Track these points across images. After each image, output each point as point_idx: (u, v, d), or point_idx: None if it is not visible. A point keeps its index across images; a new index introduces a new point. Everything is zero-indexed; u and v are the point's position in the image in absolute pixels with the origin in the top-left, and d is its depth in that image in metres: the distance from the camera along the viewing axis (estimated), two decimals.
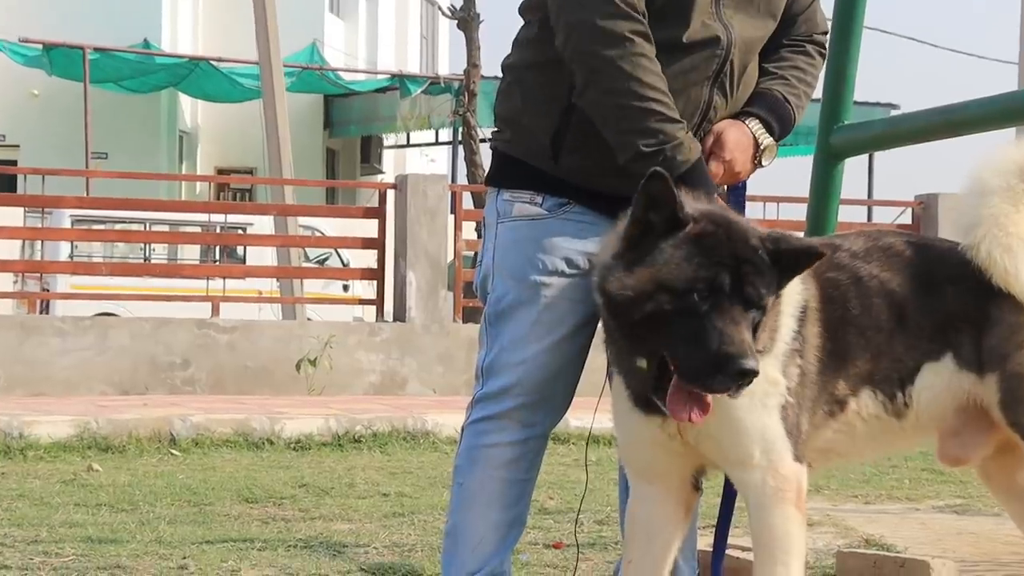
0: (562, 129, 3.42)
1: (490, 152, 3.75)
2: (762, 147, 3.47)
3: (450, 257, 13.75)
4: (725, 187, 3.54)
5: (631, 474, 3.41)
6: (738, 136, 3.43)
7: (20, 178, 22.60)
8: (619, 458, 3.50)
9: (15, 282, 16.98)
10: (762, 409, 3.18)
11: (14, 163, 24.62)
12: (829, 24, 3.82)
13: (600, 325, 3.32)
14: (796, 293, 3.25)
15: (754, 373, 2.95)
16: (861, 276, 3.35)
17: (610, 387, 3.35)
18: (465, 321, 13.78)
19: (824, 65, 3.76)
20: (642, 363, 3.09)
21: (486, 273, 3.57)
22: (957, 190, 3.73)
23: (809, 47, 3.64)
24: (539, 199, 3.48)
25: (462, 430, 3.60)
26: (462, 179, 23.15)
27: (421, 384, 12.81)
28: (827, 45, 3.75)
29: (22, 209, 15.98)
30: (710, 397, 3.02)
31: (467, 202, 15.26)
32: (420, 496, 7.14)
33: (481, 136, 22.21)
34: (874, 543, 5.68)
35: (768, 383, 3.16)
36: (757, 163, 3.49)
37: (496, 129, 3.66)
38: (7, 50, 24.50)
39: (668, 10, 3.34)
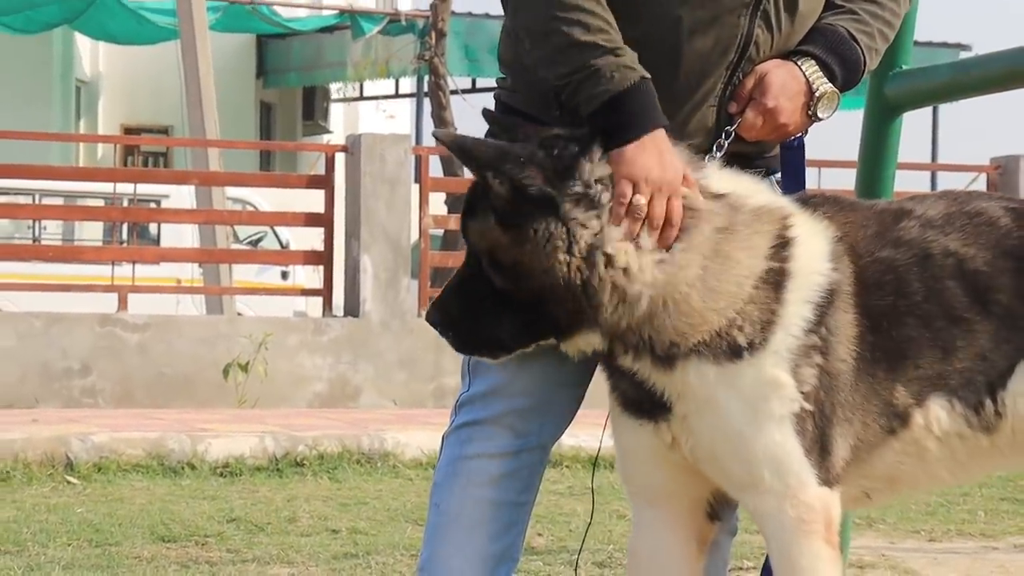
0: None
1: (493, 101, 3.72)
2: (817, 94, 3.37)
3: (414, 237, 13.78)
4: (776, 147, 3.51)
5: (631, 495, 3.41)
6: (785, 79, 3.35)
7: None
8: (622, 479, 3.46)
9: None
10: (766, 420, 3.14)
11: None
12: None
13: None
14: (814, 273, 3.20)
15: (430, 318, 3.26)
16: (932, 253, 3.27)
17: (609, 395, 3.36)
18: None
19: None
20: None
21: None
22: None
23: None
24: None
25: (443, 439, 3.56)
26: (428, 140, 23.17)
27: (378, 394, 12.85)
28: None
29: None
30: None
31: (435, 168, 15.21)
32: (378, 533, 7.17)
33: (452, 87, 22.21)
34: None
35: (766, 385, 3.14)
36: (812, 115, 3.40)
37: (500, 76, 3.63)
38: None
39: None
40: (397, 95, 30.54)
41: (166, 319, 13.03)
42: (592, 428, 3.62)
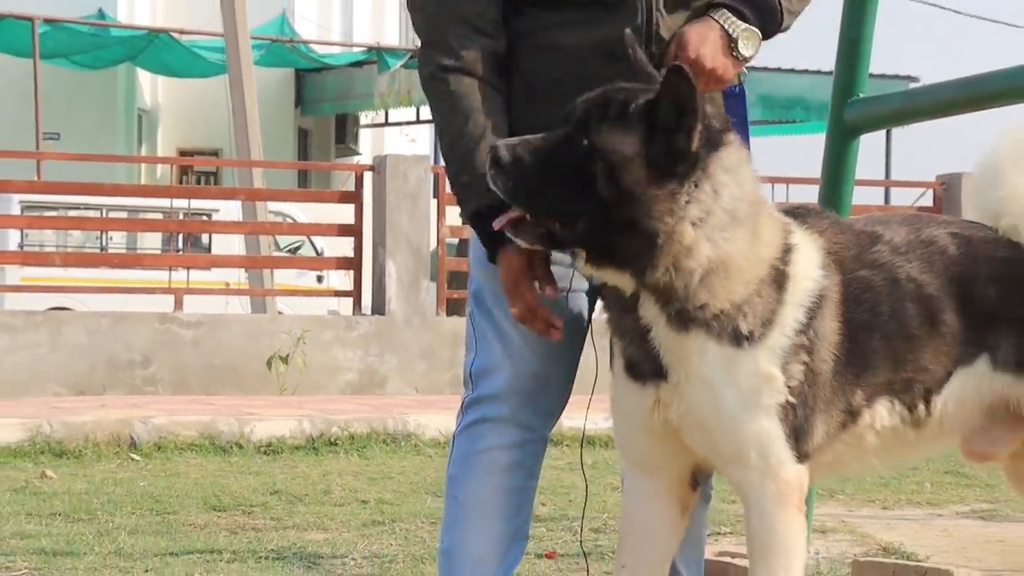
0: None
1: None
2: (734, 35, 3.26)
3: (433, 245, 13.76)
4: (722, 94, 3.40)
5: (627, 464, 3.37)
6: (700, 30, 3.26)
7: None
8: (618, 447, 3.43)
9: None
10: (756, 408, 3.13)
11: None
12: None
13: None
14: (808, 279, 3.18)
15: (494, 151, 3.04)
16: (899, 278, 3.28)
17: (611, 368, 3.33)
18: (449, 314, 13.74)
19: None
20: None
21: (471, 286, 3.54)
22: (974, 171, 3.66)
23: None
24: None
25: (453, 438, 3.52)
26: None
27: (402, 382, 12.81)
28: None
29: None
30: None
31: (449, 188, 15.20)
32: (401, 503, 7.16)
33: None
34: (893, 551, 5.69)
35: (760, 378, 3.13)
36: (736, 55, 3.28)
37: None
38: None
39: None
40: (418, 121, 30.37)
41: (216, 317, 13.01)
42: (591, 412, 3.60)
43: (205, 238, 17.19)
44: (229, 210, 16.89)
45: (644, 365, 3.18)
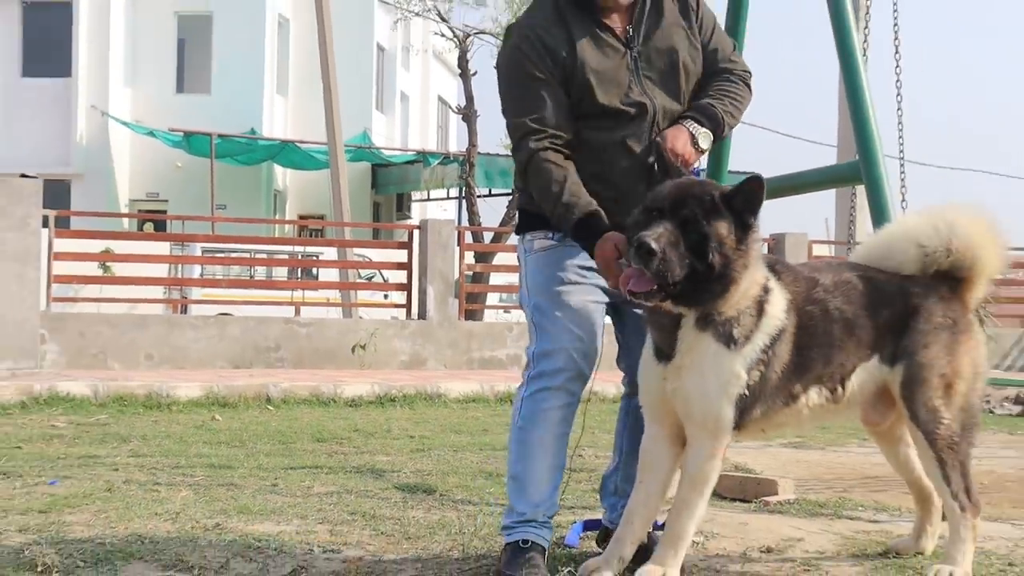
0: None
1: (516, 211, 3.64)
2: (696, 135, 3.23)
3: (456, 276, 13.73)
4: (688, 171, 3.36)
5: (646, 415, 3.25)
6: (673, 131, 3.23)
7: (168, 222, 22.72)
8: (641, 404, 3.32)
9: (164, 293, 16.85)
10: (723, 395, 3.06)
11: (164, 212, 24.45)
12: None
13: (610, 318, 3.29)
14: (775, 318, 3.12)
15: (647, 246, 2.88)
16: (829, 309, 3.22)
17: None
18: (466, 319, 13.75)
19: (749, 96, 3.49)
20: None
21: (523, 294, 3.45)
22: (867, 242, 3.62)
23: (723, 74, 3.41)
24: (550, 234, 3.36)
25: (520, 399, 3.34)
26: (464, 222, 23.05)
27: (436, 362, 12.79)
28: (746, 76, 3.47)
29: (169, 243, 15.91)
30: (644, 284, 2.93)
31: (467, 238, 15.20)
32: (434, 438, 7.10)
33: (477, 194, 22.15)
34: (741, 468, 5.64)
35: (732, 375, 3.05)
36: (696, 147, 3.24)
37: (521, 197, 3.51)
38: (160, 136, 24.41)
39: (604, 86, 3.26)
40: (448, 198, 30.36)
41: (320, 320, 12.95)
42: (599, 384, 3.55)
43: (314, 271, 17.12)
44: (330, 253, 16.86)
45: (663, 351, 3.11)
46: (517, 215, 3.58)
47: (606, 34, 3.29)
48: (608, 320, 3.46)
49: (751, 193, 2.98)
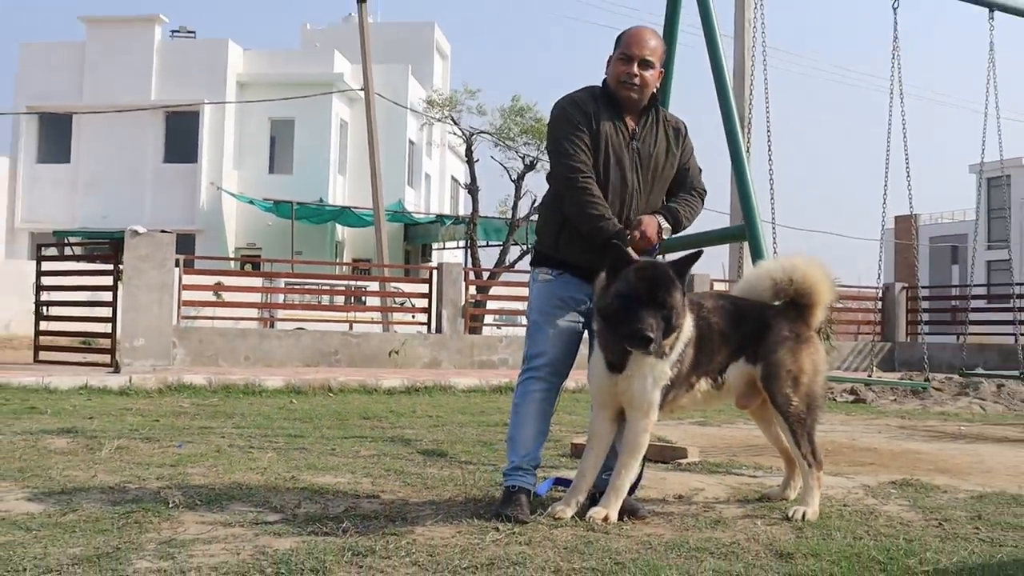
0: (559, 234, 3.32)
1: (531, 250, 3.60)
2: (662, 226, 3.23)
3: (463, 302, 13.69)
4: (647, 248, 3.34)
5: (595, 404, 3.20)
6: (648, 219, 3.22)
7: (261, 264, 22.69)
8: (590, 396, 3.30)
9: (258, 313, 16.66)
10: (655, 387, 3.07)
11: (259, 256, 24.46)
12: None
13: (593, 324, 3.25)
14: (687, 332, 3.10)
15: (648, 338, 2.85)
16: (712, 323, 3.23)
17: (589, 359, 3.25)
18: (469, 333, 13.68)
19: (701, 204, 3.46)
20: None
21: (528, 308, 3.42)
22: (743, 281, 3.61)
23: (690, 191, 3.39)
24: (549, 271, 3.35)
25: (518, 385, 3.32)
26: (469, 264, 23.02)
27: (448, 364, 12.72)
28: (703, 194, 3.46)
29: (261, 279, 15.84)
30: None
31: (471, 276, 15.17)
32: (448, 417, 7.04)
33: (478, 244, 22.21)
34: (661, 440, 5.62)
35: (662, 374, 3.07)
36: (660, 235, 3.23)
37: (536, 237, 3.48)
38: (257, 204, 24.54)
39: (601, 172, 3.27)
40: (458, 247, 30.28)
41: (367, 332, 12.89)
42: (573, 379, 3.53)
43: (364, 298, 17.01)
44: (374, 286, 16.76)
45: (615, 366, 3.11)
46: (532, 252, 3.57)
47: (621, 124, 3.33)
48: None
49: (689, 263, 3.01)
